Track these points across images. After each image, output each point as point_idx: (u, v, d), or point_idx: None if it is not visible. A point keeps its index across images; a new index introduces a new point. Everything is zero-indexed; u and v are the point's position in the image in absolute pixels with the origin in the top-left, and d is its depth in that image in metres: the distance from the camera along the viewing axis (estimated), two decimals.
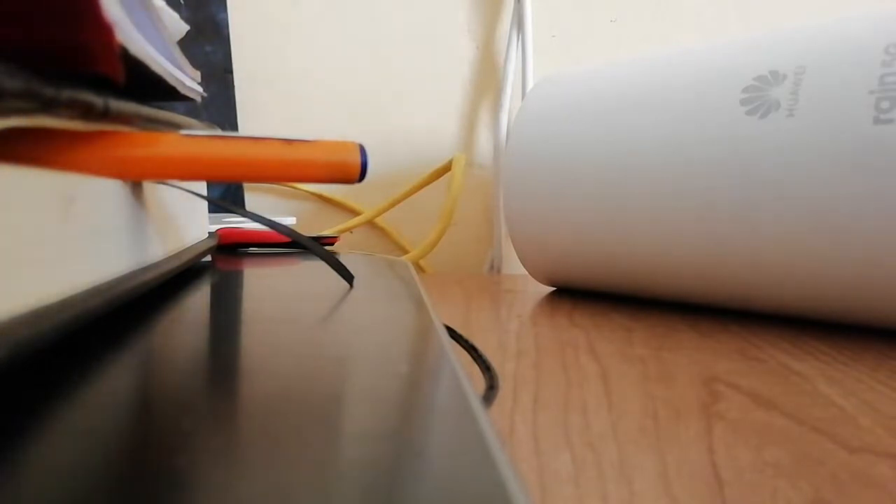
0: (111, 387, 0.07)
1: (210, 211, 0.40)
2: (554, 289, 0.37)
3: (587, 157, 0.29)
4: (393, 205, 0.48)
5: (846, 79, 0.22)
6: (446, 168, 0.47)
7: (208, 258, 0.22)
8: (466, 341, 0.18)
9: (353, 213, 0.50)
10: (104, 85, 0.11)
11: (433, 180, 0.48)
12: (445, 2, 0.48)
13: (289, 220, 0.40)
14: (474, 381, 0.17)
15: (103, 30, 0.09)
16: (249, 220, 0.27)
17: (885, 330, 0.25)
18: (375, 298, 0.14)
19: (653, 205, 0.27)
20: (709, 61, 0.27)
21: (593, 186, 0.29)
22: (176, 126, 0.15)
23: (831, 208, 0.22)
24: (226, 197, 0.47)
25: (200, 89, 0.17)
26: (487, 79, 0.49)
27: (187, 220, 0.17)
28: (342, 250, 0.30)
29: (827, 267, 0.23)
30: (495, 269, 0.49)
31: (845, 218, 0.22)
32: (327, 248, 0.28)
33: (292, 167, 0.13)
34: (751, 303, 0.27)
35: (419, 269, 0.48)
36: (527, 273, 0.41)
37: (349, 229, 0.48)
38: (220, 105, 0.47)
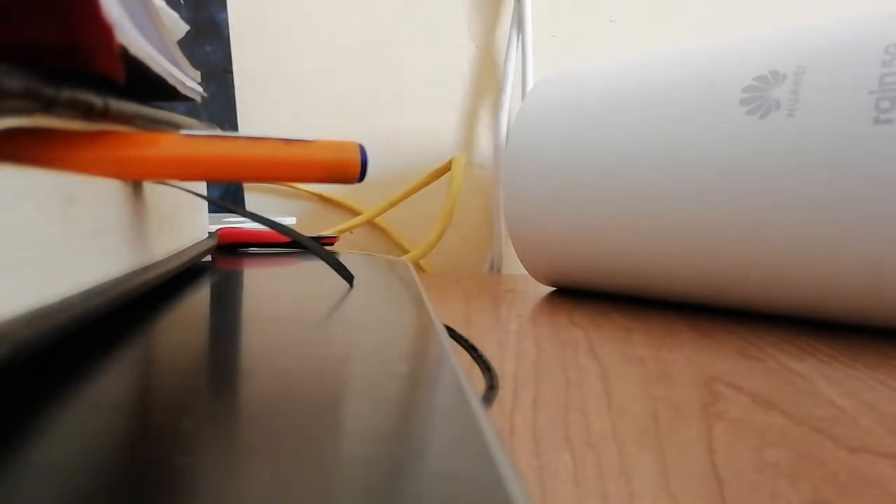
0: (111, 387, 0.07)
1: (210, 211, 0.40)
2: (554, 289, 0.37)
3: (587, 157, 0.29)
4: (393, 205, 0.48)
5: (846, 79, 0.22)
6: (446, 168, 0.47)
7: (208, 258, 0.22)
8: (466, 341, 0.18)
9: (353, 213, 0.50)
10: (104, 85, 0.11)
11: (433, 180, 0.48)
12: (445, 2, 0.48)
13: (289, 220, 0.40)
14: (474, 381, 0.17)
15: (103, 30, 0.09)
16: (249, 220, 0.27)
17: (886, 330, 0.25)
18: (375, 298, 0.14)
19: (652, 205, 0.27)
20: (709, 61, 0.27)
21: (593, 186, 0.29)
22: (176, 126, 0.15)
23: (831, 208, 0.22)
24: (226, 197, 0.47)
25: (200, 89, 0.17)
26: (487, 79, 0.49)
27: (187, 220, 0.17)
28: (342, 250, 0.30)
29: (827, 267, 0.23)
30: (495, 269, 0.49)
31: (845, 218, 0.22)
32: (327, 248, 0.27)
33: (292, 167, 0.13)
34: (750, 303, 0.27)
35: (419, 269, 0.48)
36: (527, 273, 0.41)
37: (349, 229, 0.48)
38: (220, 105, 0.47)
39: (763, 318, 0.28)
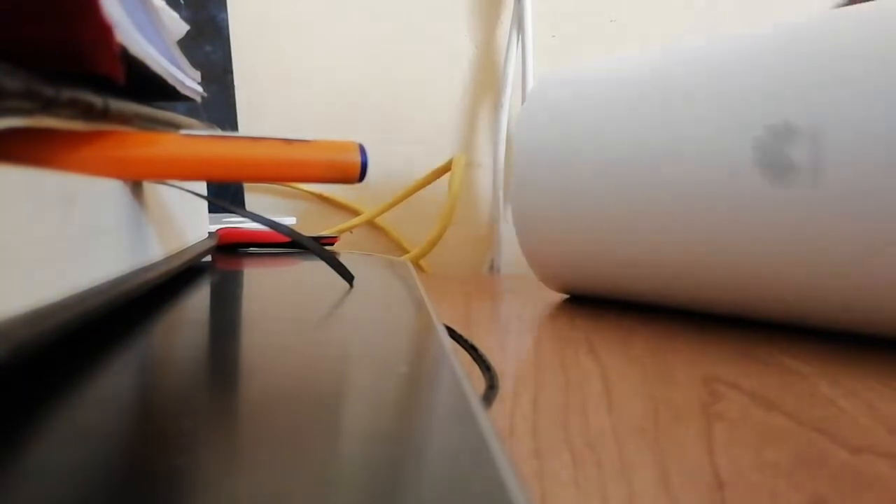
0: (112, 386, 0.07)
1: (210, 211, 0.40)
2: (558, 292, 0.36)
3: (594, 158, 0.29)
4: (393, 205, 0.48)
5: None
6: (446, 168, 0.47)
7: (208, 258, 0.22)
8: (466, 341, 0.18)
9: (353, 213, 0.50)
10: (104, 85, 0.11)
11: (433, 180, 0.48)
12: (445, 2, 0.48)
13: (289, 220, 0.40)
14: (474, 381, 0.17)
15: (103, 30, 0.09)
16: (249, 220, 0.27)
17: (885, 338, 0.25)
18: (375, 298, 0.14)
19: (657, 205, 0.27)
20: (712, 53, 0.27)
21: (605, 188, 0.29)
22: (176, 126, 0.15)
23: (835, 210, 0.22)
24: (226, 197, 0.47)
25: (200, 89, 0.17)
26: (487, 79, 0.49)
27: (187, 220, 0.17)
28: (342, 250, 0.30)
29: (846, 277, 0.23)
30: (495, 269, 0.49)
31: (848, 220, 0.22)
32: (327, 248, 0.27)
33: (292, 167, 0.13)
34: (773, 313, 0.25)
35: (419, 269, 0.48)
36: (527, 273, 0.41)
37: (349, 229, 0.48)
38: (220, 105, 0.47)
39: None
